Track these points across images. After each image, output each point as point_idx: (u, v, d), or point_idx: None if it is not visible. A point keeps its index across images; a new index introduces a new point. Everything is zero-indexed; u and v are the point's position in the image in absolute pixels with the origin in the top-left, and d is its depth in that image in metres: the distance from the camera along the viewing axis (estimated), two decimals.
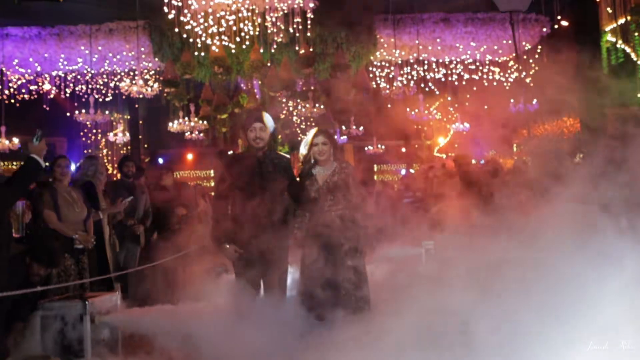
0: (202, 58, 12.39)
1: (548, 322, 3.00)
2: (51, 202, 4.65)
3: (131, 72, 13.80)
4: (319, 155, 4.15)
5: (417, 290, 4.41)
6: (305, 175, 4.17)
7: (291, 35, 12.11)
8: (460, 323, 3.46)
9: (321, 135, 4.20)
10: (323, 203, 4.03)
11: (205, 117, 14.27)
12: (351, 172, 4.17)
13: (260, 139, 3.95)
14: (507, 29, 14.38)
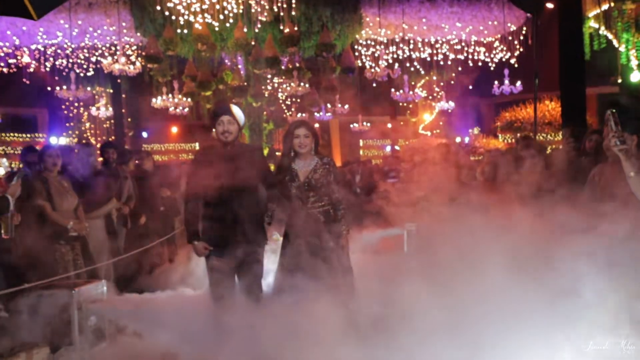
0: (185, 35, 12.23)
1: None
2: (44, 192, 4.66)
3: (113, 48, 13.56)
4: (299, 148, 3.99)
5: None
6: (284, 169, 4.03)
7: (275, 14, 12.00)
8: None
9: (303, 127, 4.04)
10: (305, 200, 3.93)
11: (189, 93, 14.15)
12: (333, 168, 4.05)
13: (228, 132, 3.74)
14: (493, 10, 14.41)
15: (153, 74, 13.85)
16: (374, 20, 14.17)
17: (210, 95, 14.20)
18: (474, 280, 3.39)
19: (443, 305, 3.34)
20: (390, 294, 3.74)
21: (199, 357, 3.73)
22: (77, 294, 4.11)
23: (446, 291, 3.42)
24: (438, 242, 5.10)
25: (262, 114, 14.62)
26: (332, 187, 4.00)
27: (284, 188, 3.94)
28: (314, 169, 3.98)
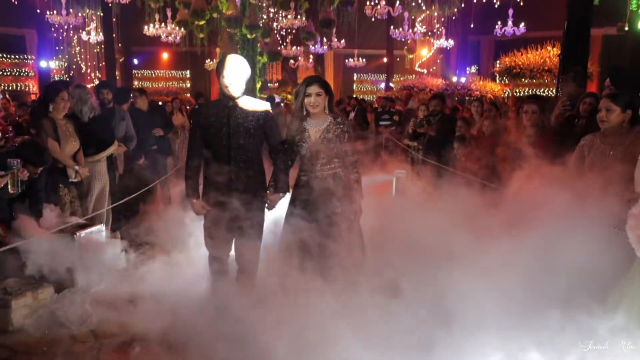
0: None
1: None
2: (53, 132, 4.63)
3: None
4: (311, 107, 3.64)
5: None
6: (295, 129, 3.71)
7: None
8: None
9: (315, 84, 3.66)
10: (315, 161, 3.67)
11: (182, 22, 13.70)
12: (348, 128, 3.73)
13: (233, 84, 3.48)
14: None
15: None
16: None
17: (204, 24, 13.77)
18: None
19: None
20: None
21: (190, 304, 3.87)
22: (78, 237, 4.21)
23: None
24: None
25: (256, 46, 14.25)
26: (345, 149, 3.71)
27: (295, 148, 3.71)
28: (326, 128, 3.68)
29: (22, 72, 21.74)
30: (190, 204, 3.63)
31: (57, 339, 3.76)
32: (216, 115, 3.55)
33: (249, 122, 3.54)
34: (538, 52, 11.93)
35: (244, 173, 3.54)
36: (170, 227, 5.00)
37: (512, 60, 11.90)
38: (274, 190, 3.67)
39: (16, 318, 3.86)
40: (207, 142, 3.58)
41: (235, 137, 3.50)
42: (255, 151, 3.60)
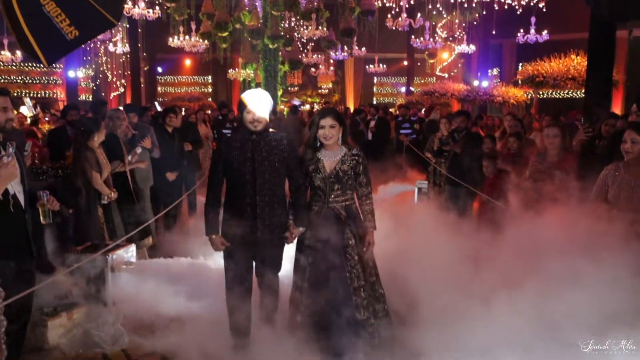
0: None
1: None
2: (96, 164, 4.86)
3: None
4: (325, 139, 3.60)
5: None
6: (309, 160, 3.65)
7: None
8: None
9: (329, 116, 3.62)
10: (329, 192, 3.60)
11: (206, 34, 13.94)
12: (362, 160, 3.65)
13: (258, 121, 3.45)
14: None
15: (170, 12, 13.63)
16: None
17: (227, 35, 13.99)
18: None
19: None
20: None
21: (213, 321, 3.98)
22: (111, 259, 4.40)
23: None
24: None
25: (278, 55, 14.42)
26: (360, 180, 3.65)
27: (309, 180, 3.66)
28: (341, 159, 3.59)
29: (50, 80, 22.41)
30: (210, 239, 3.56)
31: (90, 358, 3.94)
32: (240, 149, 3.49)
33: (274, 155, 3.50)
34: (562, 60, 11.76)
35: (269, 207, 3.48)
36: (198, 242, 5.13)
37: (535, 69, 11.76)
38: (294, 224, 3.63)
39: (52, 337, 4.04)
40: (230, 176, 3.53)
41: (260, 171, 3.45)
42: (279, 185, 3.56)
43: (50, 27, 2.63)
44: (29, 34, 2.65)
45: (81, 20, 2.69)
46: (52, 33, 2.63)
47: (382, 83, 27.70)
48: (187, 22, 14.42)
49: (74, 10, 2.65)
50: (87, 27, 2.75)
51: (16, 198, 3.25)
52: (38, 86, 22.27)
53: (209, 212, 3.56)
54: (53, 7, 2.61)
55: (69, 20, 2.65)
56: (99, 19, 2.73)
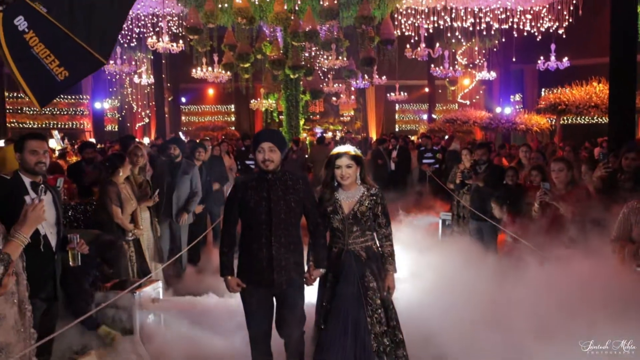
0: (225, 7, 12.26)
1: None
2: (117, 199, 4.94)
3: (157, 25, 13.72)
4: (341, 179, 3.53)
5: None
6: (327, 200, 3.57)
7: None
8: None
9: (345, 156, 3.53)
10: (348, 234, 3.52)
11: (228, 64, 14.24)
12: (381, 200, 3.58)
13: (269, 160, 3.37)
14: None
15: (193, 44, 13.97)
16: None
17: (248, 66, 14.27)
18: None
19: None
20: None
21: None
22: (138, 296, 4.43)
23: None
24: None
25: (299, 85, 14.62)
26: (379, 221, 3.57)
27: (327, 221, 3.57)
28: (359, 200, 3.53)
29: (77, 111, 22.99)
30: (225, 280, 3.46)
31: None
32: (255, 188, 3.42)
33: (290, 195, 3.43)
34: (583, 88, 11.66)
35: (285, 248, 3.39)
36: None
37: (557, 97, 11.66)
38: (314, 265, 3.51)
39: None
40: (246, 216, 3.45)
41: (276, 211, 3.37)
42: (295, 225, 3.46)
43: (40, 68, 2.65)
44: (20, 77, 2.66)
45: (70, 61, 2.70)
46: (42, 75, 2.67)
47: (404, 110, 27.78)
48: (209, 54, 14.73)
49: (63, 51, 2.67)
50: (77, 68, 2.76)
51: (47, 239, 3.32)
52: (65, 117, 22.84)
53: (223, 253, 3.48)
54: (42, 48, 2.62)
55: (58, 61, 2.67)
56: (88, 59, 2.75)
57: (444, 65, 15.09)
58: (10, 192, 3.22)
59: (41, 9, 2.54)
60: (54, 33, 2.60)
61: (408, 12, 15.19)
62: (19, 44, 2.56)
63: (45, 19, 2.55)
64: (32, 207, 2.77)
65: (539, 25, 15.30)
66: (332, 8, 11.94)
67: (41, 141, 3.30)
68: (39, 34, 2.59)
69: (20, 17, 2.53)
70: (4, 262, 2.49)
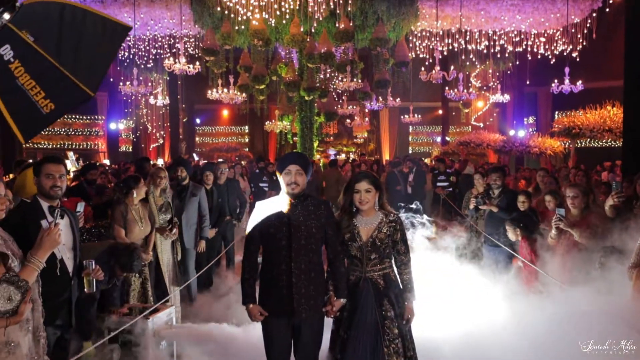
0: (241, 29, 12.41)
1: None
2: (121, 219, 4.92)
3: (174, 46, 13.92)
4: (360, 204, 3.47)
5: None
6: (345, 227, 3.50)
7: (331, 9, 11.99)
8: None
9: (364, 180, 3.49)
10: (366, 261, 3.45)
11: (244, 86, 14.37)
12: (400, 227, 3.50)
13: (296, 184, 3.32)
14: (556, 2, 13.89)
15: (209, 65, 14.12)
16: (430, 13, 13.94)
17: (263, 87, 14.37)
18: None
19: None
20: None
21: None
22: (152, 322, 4.39)
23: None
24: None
25: (314, 107, 14.69)
26: (398, 248, 3.49)
27: (345, 248, 3.50)
28: (378, 227, 3.46)
29: (92, 131, 23.20)
30: (247, 309, 3.37)
31: None
32: (277, 214, 3.34)
33: (311, 221, 3.34)
34: (598, 112, 11.59)
35: (305, 275, 3.30)
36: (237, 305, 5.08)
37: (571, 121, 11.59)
38: (335, 295, 3.40)
39: None
40: (266, 242, 3.38)
41: (296, 237, 3.29)
42: (317, 252, 3.38)
43: (25, 100, 2.54)
44: (4, 109, 2.54)
45: (56, 93, 2.59)
46: (27, 107, 2.55)
47: (418, 132, 27.80)
48: (225, 75, 14.86)
49: (49, 83, 2.56)
50: (63, 100, 2.65)
51: (63, 263, 3.27)
52: (80, 138, 23.04)
53: (245, 280, 3.39)
54: (27, 79, 2.52)
55: (43, 92, 2.56)
56: (75, 91, 2.63)
57: (458, 87, 15.07)
58: (27, 216, 3.19)
59: (28, 37, 2.46)
60: (40, 63, 2.52)
61: (423, 34, 15.28)
62: (4, 74, 2.49)
63: (32, 48, 2.47)
64: (47, 231, 2.75)
65: (552, 49, 15.29)
66: (348, 30, 12.03)
67: (58, 164, 3.27)
68: (25, 64, 2.52)
69: (6, 46, 2.45)
70: (22, 289, 2.45)
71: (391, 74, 15.20)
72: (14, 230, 2.83)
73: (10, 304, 2.42)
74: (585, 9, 14.05)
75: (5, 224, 2.79)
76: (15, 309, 2.43)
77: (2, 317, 2.41)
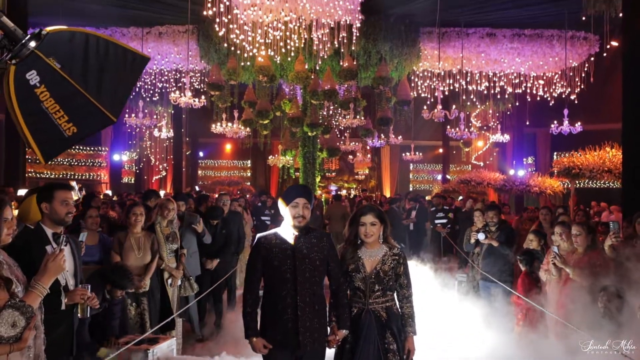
0: (247, 65, 12.66)
1: None
2: (118, 246, 4.97)
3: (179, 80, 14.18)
4: (365, 237, 3.51)
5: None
6: (350, 258, 3.54)
7: (336, 48, 12.28)
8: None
9: (370, 213, 3.54)
10: (369, 293, 3.46)
11: (248, 121, 14.57)
12: (403, 260, 3.55)
13: (302, 217, 3.36)
14: (554, 47, 14.24)
15: (214, 99, 14.36)
16: (432, 54, 14.27)
17: (267, 122, 14.57)
18: None
19: None
20: None
21: None
22: (152, 354, 4.38)
23: None
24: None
25: (316, 142, 14.86)
26: (401, 282, 3.52)
27: (348, 280, 3.52)
28: (382, 259, 3.49)
29: (95, 162, 23.33)
30: (250, 342, 3.36)
31: None
32: (280, 246, 3.36)
33: (315, 253, 3.37)
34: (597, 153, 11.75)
35: (310, 308, 3.31)
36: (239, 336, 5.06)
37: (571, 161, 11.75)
38: (338, 326, 3.41)
39: None
40: (269, 274, 3.39)
41: (301, 269, 3.31)
42: (320, 284, 3.39)
43: (48, 123, 2.56)
44: (27, 131, 2.58)
45: (80, 117, 2.61)
46: (50, 130, 2.58)
47: (419, 170, 27.99)
48: (229, 109, 15.08)
49: (73, 107, 2.59)
50: (86, 125, 2.65)
51: (67, 290, 3.27)
52: (83, 168, 23.15)
53: (247, 313, 3.37)
54: (52, 103, 2.54)
55: (67, 116, 2.57)
56: (98, 116, 2.64)
57: (459, 126, 15.29)
58: (32, 243, 3.21)
59: (55, 64, 2.50)
60: (65, 88, 2.56)
61: (424, 74, 15.59)
62: (29, 98, 2.52)
63: (58, 74, 2.52)
64: (52, 257, 2.74)
65: (551, 91, 15.57)
66: (352, 69, 12.27)
67: (70, 191, 3.37)
68: (50, 89, 2.55)
69: (32, 72, 2.49)
70: (27, 315, 2.44)
71: (393, 112, 15.43)
72: (18, 256, 2.83)
73: (14, 330, 2.38)
74: (582, 53, 14.40)
75: (10, 250, 2.81)
76: (19, 335, 2.40)
77: (6, 343, 2.37)
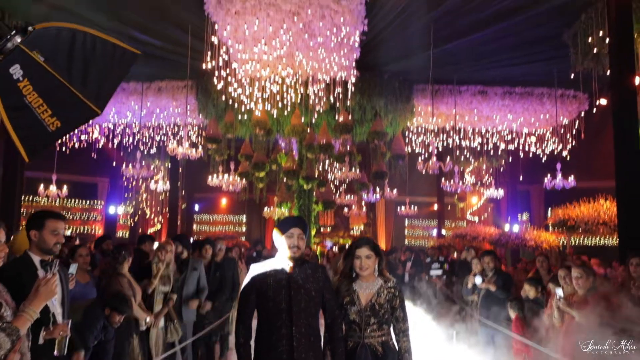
0: (244, 119, 12.92)
1: None
2: (128, 287, 4.91)
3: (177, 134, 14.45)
4: (360, 270, 3.51)
5: None
6: (344, 290, 3.52)
7: (331, 103, 12.59)
8: None
9: (365, 246, 3.54)
10: (364, 327, 3.42)
11: (244, 173, 14.72)
12: (399, 293, 3.50)
13: (298, 247, 3.35)
14: (545, 104, 14.63)
15: (211, 152, 14.55)
16: (425, 110, 14.61)
17: (263, 175, 14.71)
18: None
19: None
20: None
21: None
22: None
23: None
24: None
25: (312, 195, 14.96)
26: (397, 315, 3.47)
27: (343, 313, 3.48)
28: (377, 292, 3.46)
29: (90, 216, 23.28)
30: None
31: None
32: (275, 276, 3.33)
33: (310, 284, 3.34)
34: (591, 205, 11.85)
35: (306, 340, 3.25)
36: None
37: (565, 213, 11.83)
38: (332, 359, 3.35)
39: None
40: (264, 305, 3.32)
41: (296, 300, 3.26)
42: (315, 316, 3.34)
43: (31, 118, 2.48)
44: (10, 126, 2.51)
45: (64, 112, 2.53)
46: (33, 125, 2.49)
47: (414, 225, 27.96)
48: (226, 162, 15.24)
49: (57, 101, 2.51)
50: (70, 118, 2.58)
51: (55, 318, 3.22)
52: (78, 222, 23.09)
53: (240, 345, 3.31)
54: (35, 97, 2.46)
55: (50, 111, 2.49)
56: (82, 109, 2.56)
57: (454, 179, 15.46)
58: (19, 271, 3.17)
59: (39, 57, 2.45)
60: (49, 82, 2.49)
61: (418, 130, 15.90)
62: (12, 92, 2.45)
63: (42, 67, 2.46)
64: (44, 281, 2.72)
65: (543, 147, 15.86)
66: (347, 124, 12.54)
67: (62, 221, 3.35)
68: (34, 83, 2.48)
69: (16, 66, 2.43)
70: (13, 337, 2.41)
71: (388, 167, 15.64)
72: (8, 285, 2.79)
73: None
74: (573, 111, 14.77)
75: (0, 277, 2.79)
76: (2, 357, 2.36)
77: None
